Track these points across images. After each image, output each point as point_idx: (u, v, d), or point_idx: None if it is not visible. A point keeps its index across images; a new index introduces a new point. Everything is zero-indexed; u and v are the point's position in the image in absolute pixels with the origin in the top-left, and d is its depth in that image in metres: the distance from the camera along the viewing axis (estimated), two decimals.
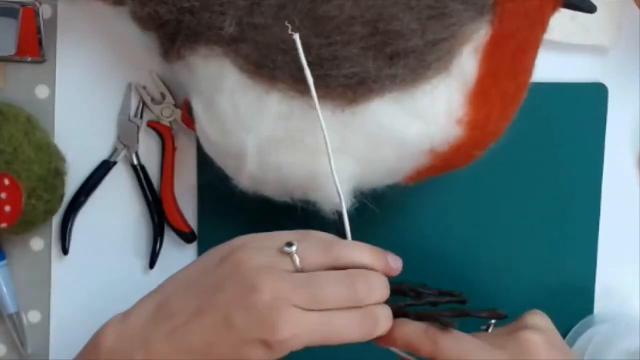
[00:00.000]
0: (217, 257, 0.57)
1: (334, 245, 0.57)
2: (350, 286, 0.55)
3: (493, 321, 0.63)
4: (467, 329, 0.70)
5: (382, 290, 0.57)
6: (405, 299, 0.71)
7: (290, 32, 0.55)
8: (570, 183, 0.77)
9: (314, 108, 0.56)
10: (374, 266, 0.57)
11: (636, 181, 0.79)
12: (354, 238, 0.63)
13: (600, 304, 0.79)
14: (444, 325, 0.63)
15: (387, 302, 0.66)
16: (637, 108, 0.78)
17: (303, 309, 0.53)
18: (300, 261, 0.55)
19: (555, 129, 0.76)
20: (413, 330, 0.60)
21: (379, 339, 0.59)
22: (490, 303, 0.74)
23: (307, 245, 0.56)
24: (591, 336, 0.75)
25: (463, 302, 0.69)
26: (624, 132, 0.78)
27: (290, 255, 0.55)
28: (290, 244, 0.55)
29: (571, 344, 0.76)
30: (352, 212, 0.63)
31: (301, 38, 0.56)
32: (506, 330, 0.62)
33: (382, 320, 0.57)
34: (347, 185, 0.61)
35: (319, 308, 0.54)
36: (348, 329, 0.55)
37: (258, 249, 0.56)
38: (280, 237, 0.57)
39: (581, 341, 0.76)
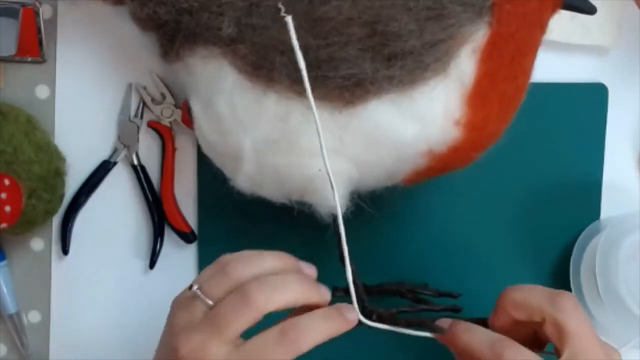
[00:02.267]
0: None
1: (227, 266, 0.58)
2: (243, 302, 0.55)
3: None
4: None
5: (286, 287, 0.57)
6: (402, 300, 0.71)
7: (282, 13, 0.55)
8: (570, 183, 0.77)
9: (310, 108, 0.56)
10: (274, 271, 0.58)
11: (636, 181, 0.79)
12: (351, 240, 0.63)
13: None
14: (433, 331, 0.63)
15: (380, 306, 0.67)
16: (637, 108, 0.78)
17: (222, 345, 0.54)
18: (208, 297, 0.56)
19: (555, 129, 0.76)
20: (478, 339, 0.60)
21: (444, 337, 0.62)
22: (489, 304, 0.74)
23: (206, 279, 0.58)
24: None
25: (457, 311, 0.69)
26: (624, 132, 0.78)
27: (197, 297, 0.56)
28: (190, 287, 0.57)
29: (580, 251, 0.76)
30: (349, 214, 0.63)
31: (299, 39, 0.56)
32: None
33: (305, 330, 0.56)
34: (344, 188, 0.61)
35: (231, 337, 0.55)
36: (270, 349, 0.55)
37: (180, 305, 0.58)
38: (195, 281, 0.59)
39: (592, 245, 0.76)
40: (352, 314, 0.59)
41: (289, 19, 0.55)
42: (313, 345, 0.55)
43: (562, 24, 0.72)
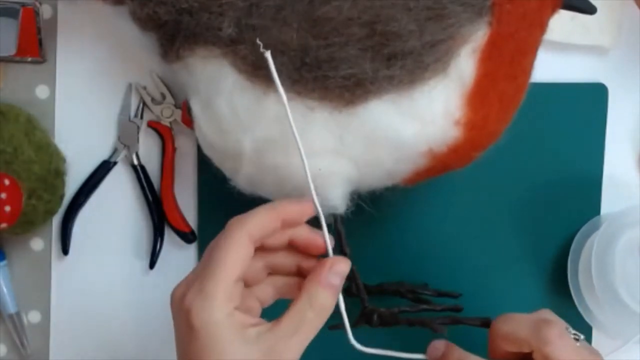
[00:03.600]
0: None
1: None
2: (224, 232, 0.56)
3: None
4: (460, 336, 0.70)
5: (261, 207, 0.57)
6: (403, 300, 0.71)
7: (261, 50, 0.56)
8: (570, 183, 0.77)
9: (312, 108, 0.56)
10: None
11: (636, 181, 0.78)
12: (351, 240, 0.63)
13: None
14: (435, 332, 0.63)
15: (381, 306, 0.67)
16: (637, 108, 0.78)
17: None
18: None
19: (555, 129, 0.76)
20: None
21: None
22: (489, 304, 0.74)
23: None
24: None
25: (458, 311, 0.69)
26: (624, 132, 0.78)
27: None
28: None
29: (577, 250, 0.76)
30: (349, 214, 0.63)
31: (299, 39, 0.56)
32: None
33: None
34: (344, 188, 0.61)
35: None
36: None
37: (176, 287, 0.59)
38: None
39: (589, 243, 0.76)
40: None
41: (268, 54, 0.56)
42: None
43: (562, 24, 0.72)
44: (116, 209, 0.76)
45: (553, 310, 0.64)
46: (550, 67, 0.75)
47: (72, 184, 0.75)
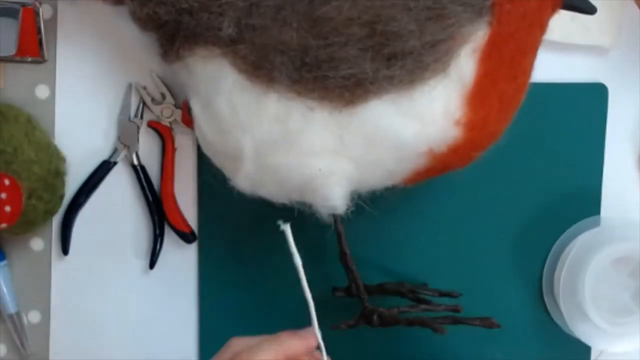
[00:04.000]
0: None
1: None
2: None
3: None
4: (460, 336, 0.70)
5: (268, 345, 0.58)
6: (403, 300, 0.71)
7: (281, 227, 0.57)
8: (570, 183, 0.77)
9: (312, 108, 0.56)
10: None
11: (636, 181, 0.78)
12: (351, 240, 0.63)
13: None
14: (435, 332, 0.63)
15: (381, 306, 0.67)
16: (637, 108, 0.78)
17: None
18: None
19: (555, 129, 0.76)
20: None
21: None
22: (489, 304, 0.74)
23: None
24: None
25: (457, 311, 0.69)
26: (624, 132, 0.78)
27: None
28: None
29: (565, 243, 0.76)
30: (350, 214, 0.63)
31: (299, 39, 0.56)
32: None
33: None
34: (344, 188, 0.61)
35: None
36: None
37: None
38: None
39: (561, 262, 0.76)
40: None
41: (286, 227, 0.56)
42: None
43: (562, 24, 0.72)
44: (116, 209, 0.76)
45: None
46: (550, 67, 0.75)
47: (72, 184, 0.75)
